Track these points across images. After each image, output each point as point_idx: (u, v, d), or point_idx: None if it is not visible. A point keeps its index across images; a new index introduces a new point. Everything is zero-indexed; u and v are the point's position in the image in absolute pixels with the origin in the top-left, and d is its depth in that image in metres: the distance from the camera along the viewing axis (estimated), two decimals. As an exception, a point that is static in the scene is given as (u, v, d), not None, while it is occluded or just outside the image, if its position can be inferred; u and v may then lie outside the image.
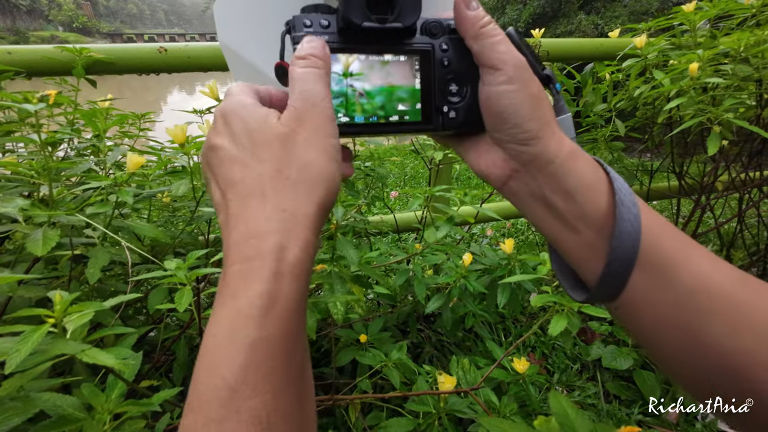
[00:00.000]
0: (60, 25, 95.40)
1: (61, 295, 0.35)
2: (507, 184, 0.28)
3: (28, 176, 0.61)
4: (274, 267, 0.21)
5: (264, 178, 0.23)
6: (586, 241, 0.26)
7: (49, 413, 0.38)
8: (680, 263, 0.24)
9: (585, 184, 0.26)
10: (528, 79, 0.26)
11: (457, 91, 0.29)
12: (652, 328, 0.25)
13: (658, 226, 0.25)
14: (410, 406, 0.69)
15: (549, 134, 0.26)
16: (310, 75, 0.25)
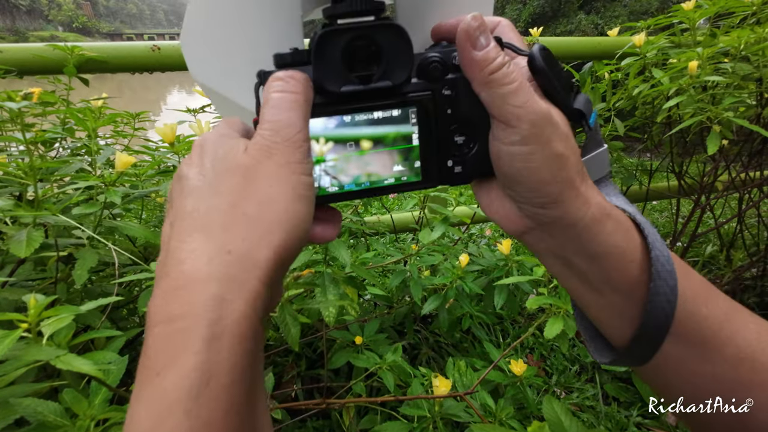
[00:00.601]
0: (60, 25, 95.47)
1: (36, 298, 0.33)
2: (522, 237, 0.25)
3: (15, 176, 0.60)
4: (208, 331, 0.16)
5: (214, 211, 0.19)
6: (611, 304, 0.23)
7: (29, 419, 0.37)
8: (722, 333, 0.22)
9: (614, 250, 0.22)
10: (549, 138, 0.21)
11: (464, 142, 0.25)
12: (685, 398, 0.23)
13: (697, 291, 0.23)
14: (405, 410, 0.68)
15: (572, 197, 0.22)
16: (284, 102, 0.21)
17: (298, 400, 0.92)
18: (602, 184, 0.27)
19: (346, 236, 0.99)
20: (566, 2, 8.45)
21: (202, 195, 0.20)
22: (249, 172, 0.20)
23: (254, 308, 0.17)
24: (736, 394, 0.21)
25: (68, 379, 0.49)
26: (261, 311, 0.18)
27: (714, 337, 0.22)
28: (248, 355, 0.17)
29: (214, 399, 0.16)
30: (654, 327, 0.22)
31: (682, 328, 0.22)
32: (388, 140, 0.24)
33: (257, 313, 0.18)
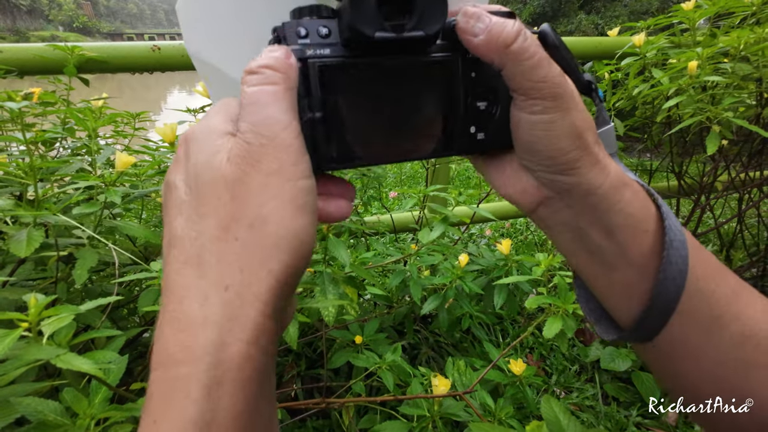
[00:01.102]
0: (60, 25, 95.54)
1: (36, 298, 0.34)
2: (537, 210, 0.25)
3: (16, 176, 0.60)
4: (207, 377, 0.15)
5: (203, 239, 0.17)
6: (622, 279, 0.23)
7: (29, 418, 0.37)
8: (729, 311, 0.22)
9: (630, 220, 0.22)
10: (569, 107, 0.22)
11: (486, 107, 0.24)
12: (688, 379, 0.23)
13: (707, 268, 0.23)
14: (404, 410, 0.68)
15: (590, 163, 0.22)
16: (264, 95, 0.18)
17: (297, 399, 0.92)
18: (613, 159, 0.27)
19: (346, 236, 1.00)
20: (566, 2, 8.45)
21: (191, 216, 0.18)
22: (236, 188, 0.17)
23: (258, 345, 0.16)
24: (743, 377, 0.21)
25: (68, 379, 0.49)
26: (268, 344, 0.17)
27: (722, 314, 0.22)
28: (252, 399, 0.16)
29: None
30: (665, 297, 0.22)
31: (689, 304, 0.22)
32: (412, 102, 0.23)
33: (262, 348, 0.17)
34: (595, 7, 8.23)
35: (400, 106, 0.23)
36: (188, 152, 0.19)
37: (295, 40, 0.21)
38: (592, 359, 1.13)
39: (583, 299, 0.27)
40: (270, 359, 0.17)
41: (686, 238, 0.22)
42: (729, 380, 0.22)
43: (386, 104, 0.23)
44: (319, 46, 0.21)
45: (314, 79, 0.21)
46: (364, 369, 0.80)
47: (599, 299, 0.25)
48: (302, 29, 0.21)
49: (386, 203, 2.31)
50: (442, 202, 1.21)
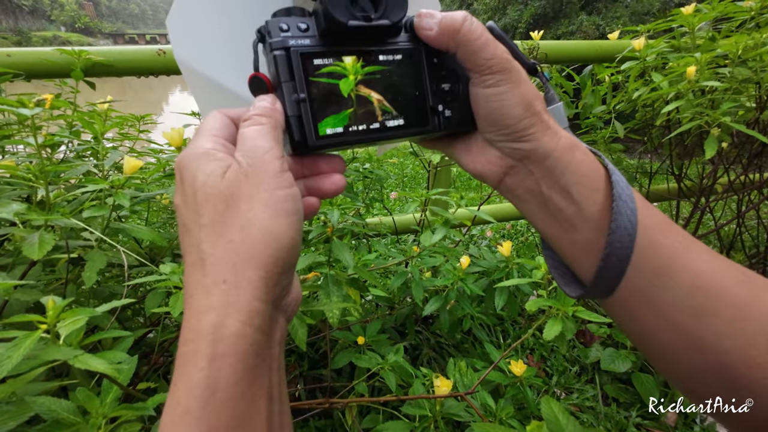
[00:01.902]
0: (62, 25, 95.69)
1: (54, 300, 0.35)
2: (503, 181, 0.28)
3: (26, 179, 0.61)
4: (209, 351, 0.19)
5: (204, 245, 0.21)
6: (582, 239, 0.26)
7: (43, 417, 0.38)
8: (679, 261, 0.24)
9: (583, 179, 0.25)
10: (517, 79, 0.25)
11: (450, 88, 0.28)
12: (648, 327, 0.25)
13: (656, 221, 0.25)
14: (406, 410, 0.69)
15: (543, 129, 0.26)
16: (254, 131, 0.23)
17: (300, 399, 0.93)
18: None
19: (348, 238, 1.01)
20: (567, 3, 8.45)
21: (193, 229, 0.22)
22: (230, 199, 0.21)
23: (252, 325, 0.20)
24: (696, 323, 0.23)
25: (79, 378, 0.50)
26: (263, 324, 0.21)
27: (670, 264, 0.24)
28: (250, 369, 0.20)
29: (219, 410, 0.18)
30: (619, 246, 0.24)
31: (642, 255, 0.24)
32: (385, 85, 0.26)
33: (257, 328, 0.20)
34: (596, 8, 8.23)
35: (376, 88, 0.26)
36: (182, 177, 0.23)
37: (278, 33, 0.24)
38: (593, 360, 1.14)
39: (550, 261, 0.30)
40: (267, 338, 0.21)
41: (633, 193, 0.25)
42: (684, 326, 0.23)
43: (362, 86, 0.26)
44: (299, 37, 0.25)
45: (297, 65, 0.24)
46: (367, 369, 0.81)
47: (564, 259, 0.28)
48: (284, 25, 0.24)
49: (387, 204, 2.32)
50: (444, 205, 1.22)
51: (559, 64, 1.25)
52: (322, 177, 0.27)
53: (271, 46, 0.24)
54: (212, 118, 0.25)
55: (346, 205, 0.85)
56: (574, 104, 1.28)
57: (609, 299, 0.26)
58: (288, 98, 0.25)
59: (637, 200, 0.25)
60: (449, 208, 1.12)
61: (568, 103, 1.23)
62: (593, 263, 0.25)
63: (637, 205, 0.25)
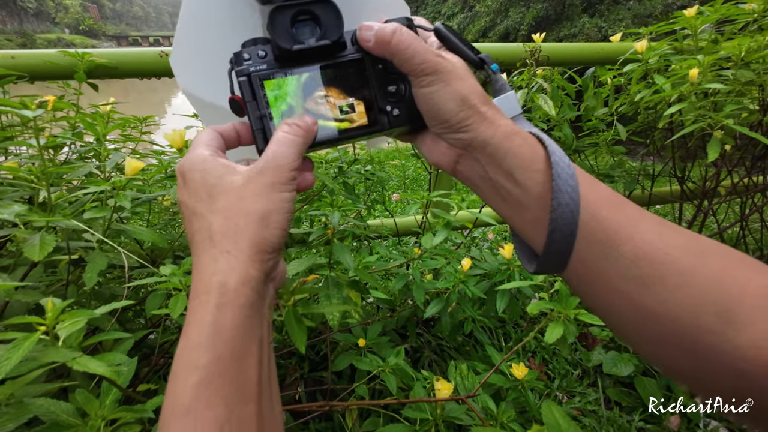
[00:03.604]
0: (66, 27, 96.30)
1: (53, 302, 0.35)
2: (456, 168, 0.31)
3: (28, 181, 0.62)
4: (217, 301, 0.24)
5: (215, 225, 0.26)
6: (531, 217, 0.27)
7: (42, 419, 0.38)
8: (623, 233, 0.25)
9: (523, 162, 0.27)
10: (448, 78, 0.28)
11: (396, 90, 0.31)
12: (601, 299, 0.26)
13: (600, 197, 0.26)
14: (407, 413, 0.69)
15: (479, 120, 0.28)
16: (286, 139, 0.28)
17: (301, 402, 0.93)
18: (516, 120, 0.32)
19: (350, 240, 1.00)
20: (570, 5, 8.45)
21: (205, 215, 0.27)
22: (241, 191, 0.27)
23: (249, 286, 0.25)
24: (643, 292, 0.24)
25: (78, 380, 0.50)
26: (257, 285, 0.26)
27: (614, 236, 0.25)
28: (246, 319, 0.25)
29: (224, 342, 0.24)
30: (562, 223, 0.25)
31: (586, 228, 0.25)
32: (338, 93, 0.31)
33: (252, 288, 0.26)
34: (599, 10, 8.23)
35: (329, 96, 0.30)
36: (188, 177, 0.28)
37: (242, 62, 0.29)
38: (595, 364, 1.14)
39: (515, 241, 0.32)
40: (260, 299, 0.26)
41: (576, 171, 0.26)
42: (632, 296, 0.24)
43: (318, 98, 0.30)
44: (258, 63, 0.29)
45: (257, 86, 0.29)
46: (367, 372, 0.80)
47: (522, 238, 0.30)
48: (246, 54, 0.29)
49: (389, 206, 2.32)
50: (445, 207, 1.22)
51: (561, 66, 1.25)
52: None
53: (236, 73, 0.29)
54: (205, 133, 0.30)
55: (347, 207, 0.84)
56: (576, 106, 1.27)
57: (566, 273, 0.27)
58: (252, 115, 0.29)
59: (580, 178, 0.26)
60: (451, 210, 1.12)
61: (570, 106, 1.23)
62: (542, 239, 0.27)
63: (580, 182, 0.26)
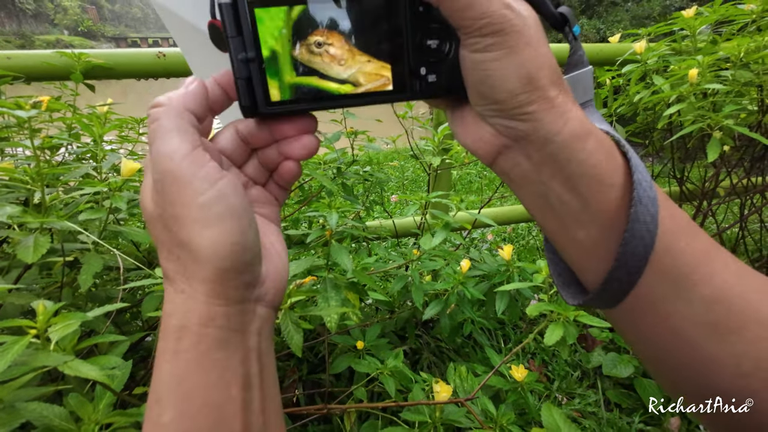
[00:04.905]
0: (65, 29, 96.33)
1: (45, 305, 0.34)
2: (497, 161, 0.23)
3: (23, 182, 0.61)
4: (174, 346, 0.21)
5: (163, 261, 0.22)
6: (587, 238, 0.22)
7: (35, 424, 0.38)
8: (700, 271, 0.21)
9: (594, 173, 0.21)
10: (516, 44, 0.20)
11: (438, 47, 0.22)
12: (656, 341, 0.22)
13: (678, 225, 0.21)
14: (406, 415, 0.68)
15: (546, 108, 0.20)
16: (154, 134, 0.21)
17: (299, 404, 0.92)
18: (586, 108, 0.25)
19: (348, 241, 1.00)
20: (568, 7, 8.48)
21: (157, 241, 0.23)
22: (163, 220, 0.21)
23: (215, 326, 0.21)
24: (714, 341, 0.20)
25: (73, 383, 0.49)
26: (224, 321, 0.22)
27: (691, 274, 0.21)
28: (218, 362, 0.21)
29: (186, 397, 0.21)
30: (632, 258, 0.20)
31: (658, 263, 0.21)
32: (354, 40, 0.22)
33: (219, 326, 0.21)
34: (597, 11, 8.25)
35: (342, 43, 0.21)
36: (154, 184, 0.22)
37: None
38: (595, 365, 1.13)
39: (552, 262, 0.26)
40: (236, 333, 0.22)
41: (657, 194, 0.21)
42: (700, 343, 0.21)
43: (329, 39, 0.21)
44: None
45: (245, 15, 0.20)
46: (366, 374, 0.80)
47: (566, 259, 0.24)
48: None
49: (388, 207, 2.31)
50: (444, 208, 1.21)
51: (560, 67, 1.24)
52: (291, 141, 0.24)
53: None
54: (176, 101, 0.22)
55: (345, 208, 0.84)
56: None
57: (616, 309, 0.23)
58: (234, 57, 0.21)
59: (659, 201, 0.21)
60: (450, 211, 1.12)
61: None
62: (597, 268, 0.22)
63: (660, 206, 0.21)
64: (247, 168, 0.26)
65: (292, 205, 1.05)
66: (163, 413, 0.20)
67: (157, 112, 0.21)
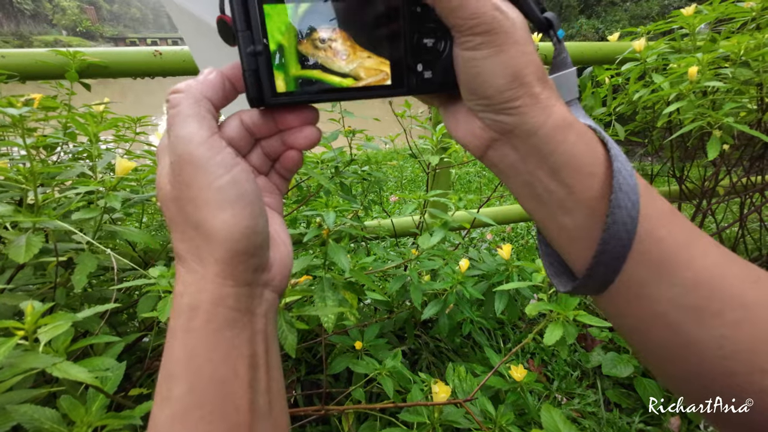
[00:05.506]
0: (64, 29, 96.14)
1: (33, 305, 0.33)
2: (486, 154, 0.25)
3: (17, 181, 0.60)
4: (186, 324, 0.22)
5: (176, 243, 0.23)
6: (572, 224, 0.23)
7: (26, 427, 0.37)
8: (682, 255, 0.21)
9: (576, 163, 0.22)
10: (503, 43, 0.21)
11: (434, 45, 0.24)
12: (641, 325, 0.23)
13: (659, 212, 0.22)
14: (404, 416, 0.68)
15: (530, 103, 0.22)
16: (174, 119, 0.22)
17: (297, 405, 0.92)
18: (571, 106, 0.27)
19: (346, 241, 0.99)
20: (567, 6, 8.48)
21: (169, 228, 0.24)
22: (178, 202, 0.22)
23: (225, 306, 0.22)
24: (696, 324, 0.21)
25: (66, 386, 0.49)
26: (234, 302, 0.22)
27: (672, 258, 0.21)
28: (227, 341, 0.22)
29: (197, 371, 0.21)
30: (615, 244, 0.21)
31: (640, 248, 0.22)
32: (354, 36, 0.23)
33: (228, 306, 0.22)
34: (596, 11, 8.26)
35: (345, 39, 0.23)
36: (171, 167, 0.23)
37: None
38: (594, 365, 1.13)
39: (544, 254, 0.27)
40: (245, 314, 0.23)
41: (638, 182, 0.22)
42: (682, 326, 0.21)
43: (328, 35, 0.23)
44: None
45: (254, 10, 0.21)
46: (364, 375, 0.79)
47: (555, 247, 0.25)
48: None
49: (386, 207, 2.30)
50: (443, 207, 1.21)
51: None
52: (294, 132, 0.26)
53: None
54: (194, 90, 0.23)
55: (343, 208, 0.83)
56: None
57: (604, 295, 0.24)
58: (243, 50, 0.22)
59: (640, 189, 0.22)
60: (448, 210, 1.11)
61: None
62: (584, 255, 0.23)
63: (641, 194, 0.22)
64: (251, 157, 0.27)
65: (289, 204, 1.04)
66: (173, 387, 0.21)
67: (176, 98, 0.23)
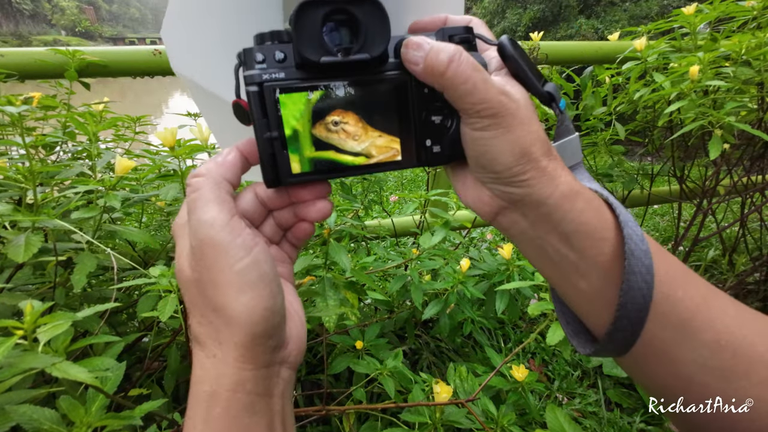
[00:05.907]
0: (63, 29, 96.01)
1: (32, 305, 0.33)
2: (496, 219, 0.25)
3: (17, 181, 0.60)
4: (205, 415, 0.22)
5: (195, 326, 0.23)
6: (589, 288, 0.23)
7: (25, 427, 0.37)
8: (700, 317, 0.22)
9: (585, 229, 0.23)
10: (510, 124, 0.23)
11: (441, 122, 0.25)
12: (669, 387, 0.23)
13: (672, 273, 0.23)
14: (405, 417, 0.68)
15: (537, 176, 0.23)
16: (195, 203, 0.23)
17: (298, 406, 0.91)
18: (575, 170, 0.28)
19: (347, 240, 0.99)
20: (566, 7, 8.48)
21: (188, 309, 0.24)
22: (198, 286, 0.23)
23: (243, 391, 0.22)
24: (724, 386, 0.21)
25: (65, 386, 0.48)
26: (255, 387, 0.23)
27: (691, 320, 0.22)
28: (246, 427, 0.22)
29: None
30: (632, 309, 0.21)
31: (659, 311, 0.22)
32: (366, 118, 0.24)
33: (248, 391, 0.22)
34: (595, 11, 8.26)
35: (356, 121, 0.24)
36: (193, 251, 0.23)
37: (254, 65, 0.23)
38: (595, 365, 1.13)
39: (560, 312, 0.27)
40: (263, 398, 0.23)
41: (650, 246, 0.22)
42: (710, 387, 0.21)
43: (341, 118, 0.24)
44: (274, 70, 0.23)
45: (270, 100, 0.23)
46: (365, 375, 0.79)
47: (572, 307, 0.25)
48: (259, 55, 0.23)
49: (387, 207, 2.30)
50: (444, 207, 1.20)
51: (559, 65, 1.24)
52: (307, 205, 0.26)
53: (246, 80, 0.23)
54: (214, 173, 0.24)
55: (344, 207, 0.83)
56: (575, 106, 1.27)
57: (626, 356, 0.24)
58: (260, 136, 0.23)
59: (653, 252, 0.22)
60: (449, 209, 1.11)
61: (569, 105, 1.22)
62: (602, 317, 0.23)
63: (654, 257, 0.22)
64: (264, 227, 0.27)
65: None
66: None
67: (197, 182, 0.23)
